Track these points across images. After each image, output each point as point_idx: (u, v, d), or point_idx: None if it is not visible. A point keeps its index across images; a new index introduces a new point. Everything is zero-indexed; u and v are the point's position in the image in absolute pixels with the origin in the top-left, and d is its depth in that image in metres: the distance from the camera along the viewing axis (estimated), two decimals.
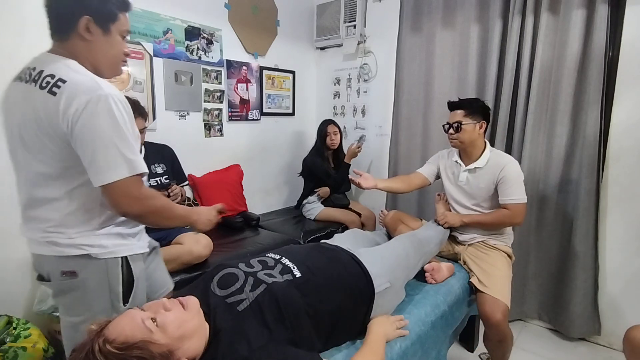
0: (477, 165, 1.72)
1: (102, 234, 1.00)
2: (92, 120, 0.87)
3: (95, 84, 0.90)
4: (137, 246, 1.08)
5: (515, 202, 1.64)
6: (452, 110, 1.74)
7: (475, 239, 1.78)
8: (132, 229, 1.08)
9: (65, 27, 0.96)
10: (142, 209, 0.96)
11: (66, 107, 0.87)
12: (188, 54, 2.37)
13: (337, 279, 1.13)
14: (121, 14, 0.99)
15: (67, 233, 0.98)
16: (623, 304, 1.98)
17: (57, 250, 0.97)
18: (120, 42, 1.01)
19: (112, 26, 0.98)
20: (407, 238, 1.59)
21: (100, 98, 0.87)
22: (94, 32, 0.95)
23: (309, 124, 3.29)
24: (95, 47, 0.97)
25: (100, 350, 0.70)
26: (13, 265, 1.75)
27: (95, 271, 0.99)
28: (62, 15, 0.95)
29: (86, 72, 0.93)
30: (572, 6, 1.91)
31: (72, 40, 0.96)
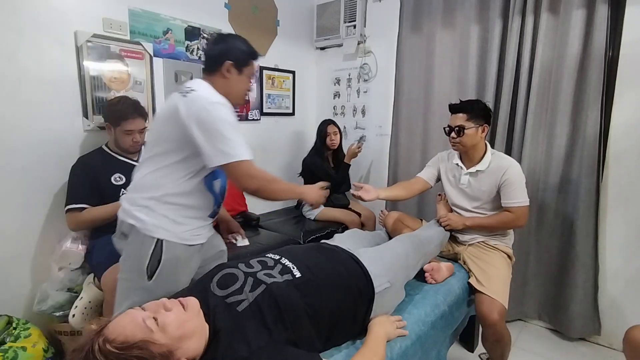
0: (479, 169, 1.71)
1: (151, 211, 1.18)
2: (212, 115, 1.14)
3: (213, 95, 1.21)
4: (180, 235, 1.20)
5: (518, 205, 1.64)
6: (454, 113, 1.73)
7: (476, 239, 1.78)
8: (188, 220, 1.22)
9: (214, 66, 1.30)
10: (258, 185, 1.21)
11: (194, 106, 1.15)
12: (188, 54, 2.36)
13: (337, 279, 1.13)
14: (252, 61, 1.35)
15: (132, 203, 1.21)
16: (623, 304, 1.98)
17: (121, 214, 1.23)
18: (247, 81, 1.37)
19: (244, 69, 1.33)
20: (407, 238, 1.59)
21: (216, 103, 1.17)
22: (231, 72, 1.30)
23: (309, 124, 3.29)
24: (230, 83, 1.31)
25: (100, 349, 0.70)
26: (13, 265, 1.75)
27: (135, 240, 1.18)
28: (214, 59, 1.30)
29: (210, 89, 1.24)
30: (572, 6, 1.91)
31: (216, 75, 1.30)
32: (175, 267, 1.20)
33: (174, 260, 1.19)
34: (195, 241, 1.25)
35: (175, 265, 1.20)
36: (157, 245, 1.16)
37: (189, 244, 1.23)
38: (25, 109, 1.70)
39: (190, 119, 1.13)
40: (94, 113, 1.92)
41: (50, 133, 1.78)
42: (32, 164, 1.74)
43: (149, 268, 1.16)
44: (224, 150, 1.14)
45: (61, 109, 1.82)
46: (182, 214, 1.21)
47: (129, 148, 1.79)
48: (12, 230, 1.72)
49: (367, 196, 1.69)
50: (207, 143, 1.13)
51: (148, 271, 1.16)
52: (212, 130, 1.13)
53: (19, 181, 1.71)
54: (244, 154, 1.17)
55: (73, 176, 1.72)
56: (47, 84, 1.75)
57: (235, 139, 1.16)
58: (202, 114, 1.13)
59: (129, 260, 1.21)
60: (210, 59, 1.32)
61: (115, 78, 1.99)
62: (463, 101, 1.74)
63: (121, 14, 2.01)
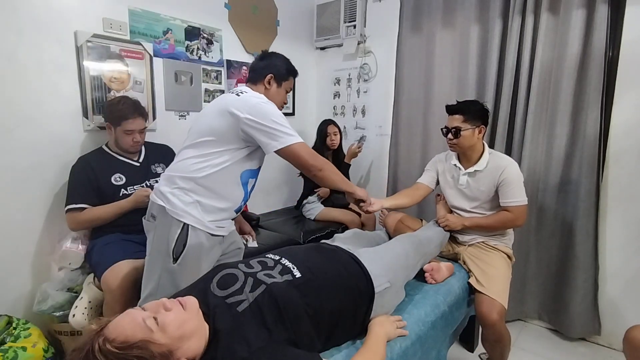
0: (477, 169, 1.72)
1: (182, 195, 1.28)
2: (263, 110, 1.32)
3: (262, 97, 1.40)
4: (206, 224, 1.29)
5: (516, 204, 1.64)
6: (451, 115, 1.73)
7: (476, 239, 1.78)
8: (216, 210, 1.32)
9: (257, 77, 1.49)
10: (318, 163, 1.38)
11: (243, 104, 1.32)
12: (188, 54, 2.36)
13: (337, 279, 1.13)
14: (291, 76, 1.54)
15: (165, 186, 1.31)
16: (623, 304, 1.98)
17: (152, 196, 1.34)
18: (284, 94, 1.54)
19: (283, 83, 1.52)
20: (407, 238, 1.59)
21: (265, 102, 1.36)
22: (272, 84, 1.49)
23: (309, 124, 3.29)
24: (270, 93, 1.47)
25: (100, 349, 0.70)
26: (13, 265, 1.75)
27: (163, 223, 1.27)
28: (258, 70, 1.49)
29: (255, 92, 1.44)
30: (572, 6, 1.91)
31: (258, 85, 1.49)
32: (199, 253, 1.28)
33: (198, 246, 1.27)
34: (219, 232, 1.35)
35: (199, 252, 1.28)
36: (184, 229, 1.25)
37: (213, 234, 1.32)
38: (25, 108, 1.70)
39: (246, 114, 1.28)
40: (94, 113, 1.92)
41: (50, 133, 1.78)
42: (32, 164, 1.74)
43: (175, 251, 1.25)
44: (281, 137, 1.30)
45: (61, 109, 1.82)
46: (213, 202, 1.31)
47: (129, 148, 1.79)
48: (12, 230, 1.72)
49: (372, 208, 1.67)
50: (263, 134, 1.29)
51: (174, 254, 1.25)
52: (267, 122, 1.29)
53: (19, 181, 1.71)
54: (299, 139, 1.35)
55: (73, 176, 1.72)
56: (47, 84, 1.75)
57: (288, 128, 1.34)
58: (257, 108, 1.30)
59: (157, 241, 1.29)
60: (255, 72, 1.50)
61: (115, 78, 1.99)
62: (460, 102, 1.74)
63: (121, 14, 2.01)
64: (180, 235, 1.25)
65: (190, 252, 1.26)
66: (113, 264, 1.55)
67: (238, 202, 1.40)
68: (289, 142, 1.32)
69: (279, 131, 1.31)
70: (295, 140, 1.33)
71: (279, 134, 1.31)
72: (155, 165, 1.92)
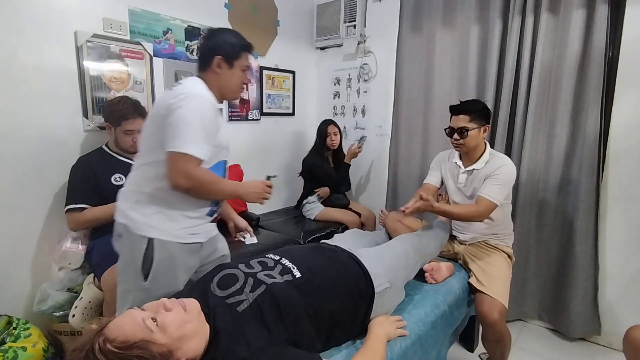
0: (476, 167, 1.72)
1: (144, 207, 1.18)
2: (183, 104, 1.12)
3: (193, 86, 1.19)
4: (174, 233, 1.19)
5: (488, 198, 1.59)
6: (455, 115, 1.71)
7: (476, 238, 1.78)
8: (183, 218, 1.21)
9: (205, 63, 1.28)
10: (187, 185, 1.13)
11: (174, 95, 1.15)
12: (188, 54, 2.36)
13: (337, 279, 1.13)
14: (243, 53, 1.31)
15: (124, 202, 1.21)
16: (623, 304, 1.98)
17: (116, 214, 1.23)
18: (240, 75, 1.32)
19: (235, 62, 1.29)
20: (407, 238, 1.59)
21: (194, 94, 1.15)
22: (222, 67, 1.27)
23: (309, 124, 3.29)
24: (222, 78, 1.28)
25: (100, 349, 0.70)
26: (13, 265, 1.75)
27: (128, 241, 1.18)
28: (204, 56, 1.28)
29: (200, 84, 1.23)
30: (572, 6, 1.91)
31: (208, 72, 1.28)
32: (171, 266, 1.18)
33: (168, 259, 1.17)
34: (193, 239, 1.23)
35: (172, 264, 1.18)
36: (150, 244, 1.15)
37: (185, 242, 1.21)
38: (25, 109, 1.70)
39: (163, 107, 1.14)
40: (94, 113, 1.92)
41: (50, 133, 1.78)
42: (32, 164, 1.74)
43: (144, 268, 1.15)
44: (172, 138, 1.10)
45: (61, 108, 1.82)
46: (176, 210, 1.19)
47: (129, 148, 1.79)
48: (12, 230, 1.72)
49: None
50: (167, 129, 1.12)
51: (143, 272, 1.15)
52: (174, 117, 1.11)
53: (19, 181, 1.71)
54: (189, 148, 1.10)
55: (73, 176, 1.72)
56: (47, 84, 1.75)
57: (192, 131, 1.11)
58: (172, 101, 1.13)
59: (125, 261, 1.20)
60: (202, 57, 1.30)
61: (115, 78, 1.99)
62: (463, 102, 1.73)
63: (121, 14, 2.01)
64: (147, 252, 1.14)
65: (161, 267, 1.15)
66: (113, 264, 1.54)
67: (205, 206, 1.27)
68: (177, 149, 1.09)
69: (179, 131, 1.11)
70: (188, 149, 1.10)
71: (175, 135, 1.11)
72: None
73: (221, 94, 1.31)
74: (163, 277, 1.16)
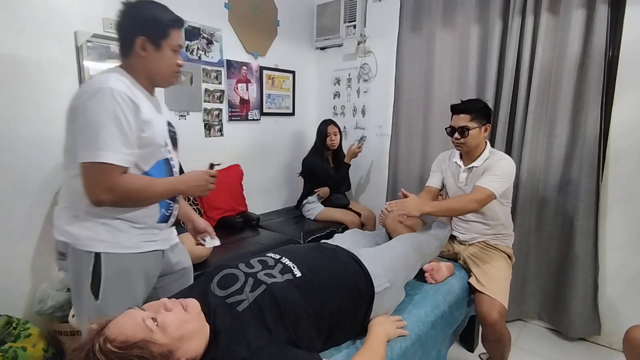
0: (475, 165, 1.72)
1: (84, 221, 1.04)
2: (87, 104, 0.97)
3: (104, 79, 1.00)
4: (125, 244, 1.06)
5: (484, 186, 1.57)
6: (456, 114, 1.71)
7: (476, 238, 1.78)
8: (130, 228, 1.08)
9: (126, 48, 1.09)
10: (111, 199, 0.99)
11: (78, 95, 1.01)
12: (188, 54, 2.36)
13: (337, 279, 1.13)
14: (172, 30, 1.11)
15: (61, 217, 1.08)
16: (623, 304, 1.98)
17: (54, 232, 1.09)
18: (171, 56, 1.12)
19: (163, 42, 1.10)
20: (407, 238, 1.59)
21: (100, 90, 0.97)
22: (148, 49, 1.08)
23: (309, 124, 3.29)
24: (149, 62, 1.10)
25: (100, 349, 0.70)
26: (13, 266, 1.75)
27: (74, 259, 1.06)
28: (124, 38, 1.09)
29: (111, 74, 1.04)
30: (572, 6, 1.91)
31: (132, 58, 1.10)
32: (125, 280, 1.07)
33: (120, 273, 1.06)
34: (148, 248, 1.12)
35: (125, 277, 1.07)
36: (97, 260, 1.03)
37: (140, 252, 1.09)
38: (26, 109, 1.70)
39: (70, 111, 1.01)
40: None
41: (50, 133, 1.78)
42: (33, 164, 1.74)
43: (93, 287, 1.04)
44: (83, 147, 0.96)
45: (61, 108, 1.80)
46: (120, 220, 1.06)
47: None
48: (12, 230, 1.72)
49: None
50: (76, 135, 0.97)
51: (92, 291, 1.04)
52: (81, 121, 0.96)
53: (19, 181, 1.71)
54: (105, 157, 0.95)
55: None
56: (47, 84, 1.75)
57: (105, 136, 0.95)
58: (75, 102, 0.99)
59: (73, 280, 1.08)
60: (121, 40, 1.10)
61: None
62: (464, 101, 1.74)
63: None
64: (94, 268, 1.03)
65: (112, 283, 1.04)
66: None
67: (154, 214, 1.13)
68: (92, 159, 0.95)
69: (90, 136, 0.96)
70: (106, 157, 0.95)
71: (87, 141, 0.96)
72: None
73: (151, 81, 1.14)
74: (117, 293, 1.05)
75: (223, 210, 2.50)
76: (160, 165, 1.13)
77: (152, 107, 1.12)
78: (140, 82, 1.11)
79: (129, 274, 1.08)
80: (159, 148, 1.12)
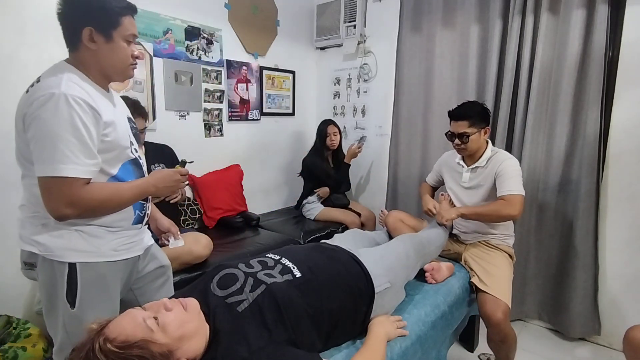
0: (478, 165, 1.75)
1: (53, 230, 0.98)
2: (40, 113, 0.89)
3: (55, 82, 0.92)
4: (101, 252, 1.02)
5: (511, 193, 1.62)
6: (455, 121, 1.73)
7: (477, 238, 1.78)
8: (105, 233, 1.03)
9: (73, 40, 0.99)
10: (75, 213, 0.94)
11: (28, 102, 0.92)
12: (188, 54, 2.37)
13: (337, 279, 1.13)
14: (124, 18, 1.00)
15: (27, 227, 1.03)
16: (623, 304, 1.98)
17: (21, 242, 1.04)
18: (124, 47, 1.02)
19: (114, 33, 0.99)
20: (408, 238, 1.59)
21: (52, 96, 0.89)
22: (97, 41, 0.98)
23: (309, 124, 3.29)
24: (99, 55, 1.00)
25: (100, 349, 0.70)
26: (13, 266, 1.74)
27: (44, 269, 1.01)
28: (69, 29, 0.99)
29: (62, 74, 0.95)
30: (572, 6, 1.91)
31: (80, 51, 0.99)
32: (102, 286, 1.03)
33: (97, 280, 1.02)
34: (124, 255, 1.07)
35: (102, 284, 1.03)
36: (72, 270, 0.98)
37: (116, 260, 1.05)
38: None
39: (20, 119, 0.94)
40: None
41: None
42: None
43: (69, 295, 0.99)
44: (39, 160, 0.90)
45: None
46: (94, 226, 1.01)
47: None
48: (12, 229, 1.72)
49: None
50: (33, 147, 0.91)
51: (68, 299, 0.99)
52: (34, 132, 0.90)
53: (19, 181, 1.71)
54: (64, 170, 0.89)
55: None
56: None
57: (62, 147, 0.88)
58: (26, 111, 0.91)
59: (45, 290, 1.02)
60: (66, 29, 0.99)
61: None
62: (461, 106, 1.75)
63: None
64: (69, 278, 0.98)
65: (89, 291, 1.00)
66: None
67: (128, 216, 1.08)
68: (50, 173, 0.90)
69: (46, 149, 0.89)
70: (64, 171, 0.89)
71: (44, 154, 0.89)
72: (155, 165, 1.92)
73: (105, 76, 1.04)
74: (94, 300, 1.02)
75: (223, 210, 2.50)
76: (127, 166, 1.07)
77: (110, 106, 1.04)
78: (93, 78, 1.01)
79: (105, 279, 1.04)
80: (124, 150, 1.05)
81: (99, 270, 1.02)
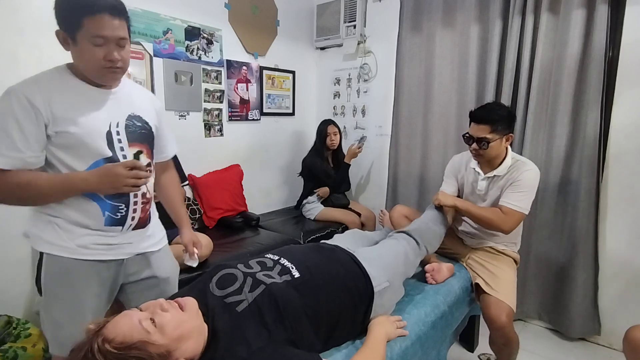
0: (497, 173, 1.61)
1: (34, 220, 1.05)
2: None
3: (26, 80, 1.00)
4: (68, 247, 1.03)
5: (513, 207, 1.53)
6: (477, 123, 1.56)
7: (484, 243, 1.76)
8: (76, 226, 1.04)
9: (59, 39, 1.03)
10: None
11: None
12: (188, 54, 2.37)
13: (336, 279, 1.13)
14: (86, 19, 0.95)
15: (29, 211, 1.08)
16: (623, 304, 1.98)
17: None
18: (91, 49, 0.97)
19: (77, 35, 0.97)
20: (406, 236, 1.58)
21: (6, 91, 0.97)
22: (70, 43, 1.00)
23: (309, 124, 3.29)
24: (74, 57, 1.03)
25: (99, 349, 0.70)
26: (13, 266, 1.75)
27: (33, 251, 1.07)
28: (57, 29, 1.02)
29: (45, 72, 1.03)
30: (572, 6, 1.91)
31: (69, 50, 1.03)
32: (65, 282, 1.03)
33: (60, 274, 1.03)
34: (97, 256, 1.06)
35: (66, 279, 1.03)
36: (41, 258, 1.04)
37: (84, 259, 1.04)
38: None
39: None
40: None
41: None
42: None
43: (37, 282, 1.05)
44: None
45: None
46: (62, 219, 1.03)
47: None
48: (12, 229, 1.72)
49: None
50: None
51: (37, 285, 1.05)
52: None
53: None
54: None
55: None
56: None
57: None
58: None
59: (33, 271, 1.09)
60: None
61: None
62: (485, 106, 1.60)
63: None
64: (39, 266, 1.04)
65: (51, 283, 1.03)
66: None
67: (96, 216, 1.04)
68: None
69: None
70: None
71: None
72: None
73: (85, 76, 1.05)
74: (58, 294, 1.04)
75: (223, 210, 2.50)
76: (99, 164, 1.02)
77: (87, 104, 1.03)
78: (83, 77, 1.04)
79: (70, 275, 1.04)
80: (94, 148, 1.02)
81: (63, 265, 1.04)
